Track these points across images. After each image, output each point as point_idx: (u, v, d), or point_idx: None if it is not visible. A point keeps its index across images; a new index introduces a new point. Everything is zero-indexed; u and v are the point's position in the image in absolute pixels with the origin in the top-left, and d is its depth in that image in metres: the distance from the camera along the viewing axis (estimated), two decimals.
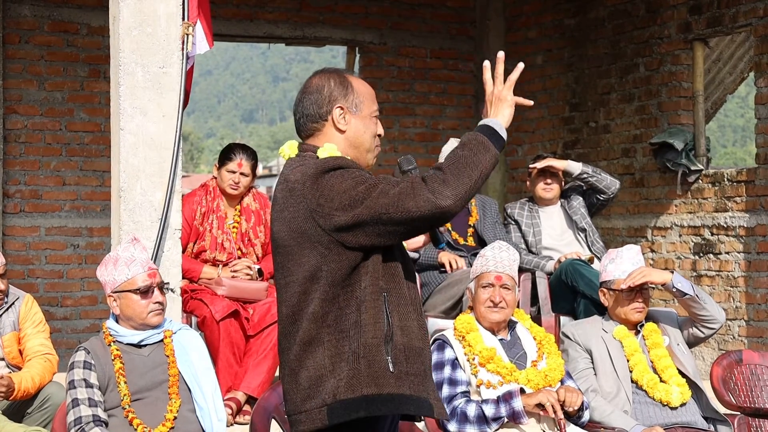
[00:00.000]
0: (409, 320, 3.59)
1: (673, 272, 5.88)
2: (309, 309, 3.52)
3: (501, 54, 3.69)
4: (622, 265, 5.86)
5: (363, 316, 3.50)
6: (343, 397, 3.47)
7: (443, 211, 3.45)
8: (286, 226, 3.55)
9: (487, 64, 3.73)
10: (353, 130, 3.69)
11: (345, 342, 3.50)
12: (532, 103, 3.79)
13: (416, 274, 3.80)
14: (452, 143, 7.35)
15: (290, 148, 3.73)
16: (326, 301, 3.51)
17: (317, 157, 3.60)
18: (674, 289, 5.77)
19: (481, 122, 3.65)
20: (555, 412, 5.08)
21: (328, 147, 3.63)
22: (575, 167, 7.66)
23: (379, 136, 3.77)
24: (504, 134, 3.61)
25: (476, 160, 3.53)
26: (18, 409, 5.76)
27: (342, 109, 3.67)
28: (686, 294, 5.77)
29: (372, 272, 3.53)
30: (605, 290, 5.92)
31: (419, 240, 7.06)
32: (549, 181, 7.75)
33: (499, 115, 3.64)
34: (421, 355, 3.59)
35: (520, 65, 3.73)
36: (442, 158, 7.34)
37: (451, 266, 7.14)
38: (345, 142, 3.68)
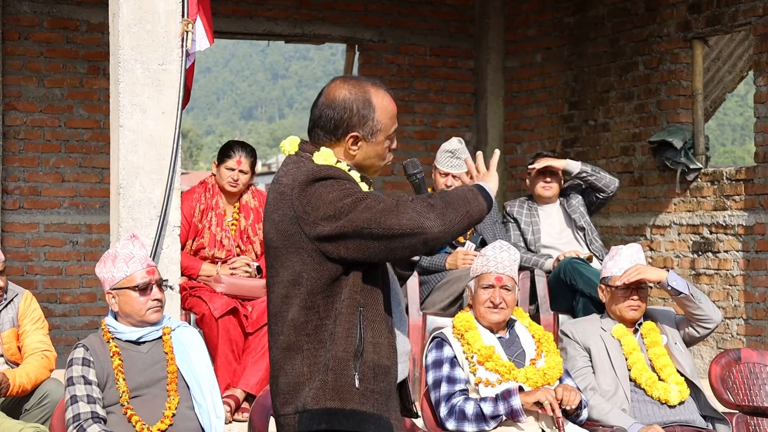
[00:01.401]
0: (382, 338, 3.55)
1: (669, 270, 5.88)
2: (289, 315, 3.52)
3: (497, 152, 3.87)
4: (621, 262, 5.87)
5: (337, 328, 3.48)
6: (309, 407, 3.47)
7: (425, 231, 3.41)
8: (275, 227, 3.55)
9: (480, 154, 3.86)
10: (362, 155, 3.66)
11: (322, 352, 3.49)
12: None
13: (400, 294, 3.76)
14: (453, 141, 7.35)
15: (291, 144, 3.71)
16: (305, 309, 3.50)
17: (312, 160, 3.58)
18: (669, 288, 5.78)
19: (475, 182, 3.72)
20: (553, 410, 5.09)
21: (325, 153, 3.60)
22: (574, 166, 7.67)
23: (393, 149, 3.73)
24: (492, 197, 3.65)
25: (466, 201, 3.55)
26: (16, 406, 5.76)
27: (356, 138, 3.62)
28: (681, 293, 5.78)
29: (351, 286, 3.50)
30: (603, 286, 5.94)
31: None
32: (548, 179, 7.75)
33: (490, 183, 3.71)
34: (388, 374, 3.57)
35: (497, 152, 3.88)
36: (439, 157, 7.34)
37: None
38: (351, 162, 3.65)
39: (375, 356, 3.52)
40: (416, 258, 3.73)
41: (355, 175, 3.62)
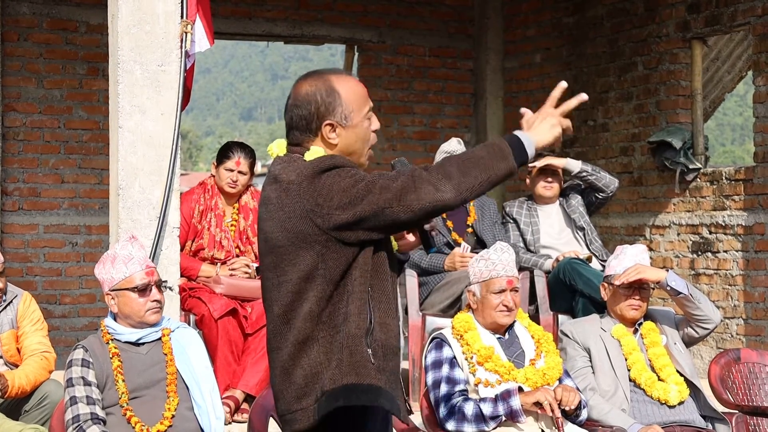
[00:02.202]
0: (389, 318, 3.56)
1: (668, 270, 5.89)
2: (304, 308, 3.49)
3: (563, 83, 3.72)
4: (624, 261, 5.88)
5: (350, 307, 3.48)
6: (327, 389, 3.45)
7: (443, 204, 3.43)
8: (281, 226, 3.52)
9: (563, 85, 3.68)
10: (344, 141, 3.62)
11: (337, 335, 3.48)
12: (570, 130, 3.72)
13: (398, 270, 3.76)
14: (453, 142, 7.35)
15: (278, 147, 3.70)
16: (322, 300, 3.48)
17: (304, 160, 3.56)
18: (668, 288, 5.78)
19: (515, 132, 3.59)
20: (552, 410, 5.09)
21: (315, 150, 3.58)
22: (574, 165, 7.66)
23: (375, 131, 3.71)
24: (531, 152, 3.55)
25: (489, 165, 3.49)
26: (16, 407, 5.77)
27: (332, 125, 3.60)
28: (680, 293, 5.78)
29: (362, 266, 3.50)
30: (606, 285, 5.94)
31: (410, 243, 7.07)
32: (549, 179, 7.75)
33: (537, 132, 3.61)
34: (396, 355, 3.57)
35: (563, 84, 3.73)
36: (438, 157, 7.34)
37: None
38: (336, 152, 3.62)
39: (383, 336, 3.53)
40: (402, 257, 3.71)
41: None
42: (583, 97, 3.66)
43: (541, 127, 3.62)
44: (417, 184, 3.43)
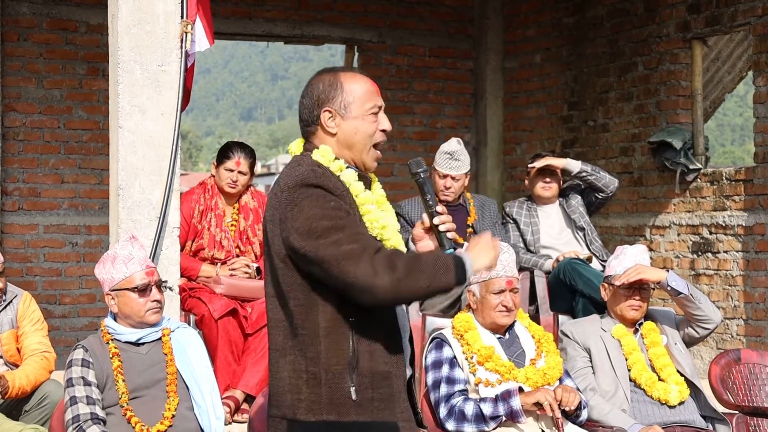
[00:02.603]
0: (378, 344, 3.52)
1: (668, 271, 5.89)
2: (277, 317, 3.53)
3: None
4: (625, 261, 5.88)
5: (324, 341, 3.45)
6: (303, 419, 3.45)
7: (374, 292, 3.34)
8: (270, 228, 3.55)
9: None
10: (343, 132, 3.64)
11: (302, 361, 3.46)
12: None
13: None
14: (452, 143, 7.35)
15: (297, 146, 3.72)
16: (288, 315, 3.49)
17: (311, 157, 3.59)
18: (669, 288, 5.78)
19: (460, 252, 3.53)
20: (553, 411, 5.08)
21: (323, 149, 3.60)
22: (574, 165, 7.66)
23: (384, 131, 3.71)
24: (470, 275, 3.47)
25: (433, 275, 3.40)
26: (15, 407, 5.76)
27: (330, 112, 3.62)
28: (681, 293, 5.78)
29: (335, 298, 3.46)
30: (606, 285, 5.94)
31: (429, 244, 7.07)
32: (548, 179, 7.75)
33: (478, 258, 3.53)
34: (388, 379, 3.52)
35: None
36: (438, 158, 7.34)
37: None
38: (337, 145, 3.64)
39: (371, 363, 3.49)
40: None
41: (351, 174, 3.60)
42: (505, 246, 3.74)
43: (481, 255, 3.54)
44: (362, 258, 3.36)
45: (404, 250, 3.61)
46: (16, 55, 9.49)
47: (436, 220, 3.62)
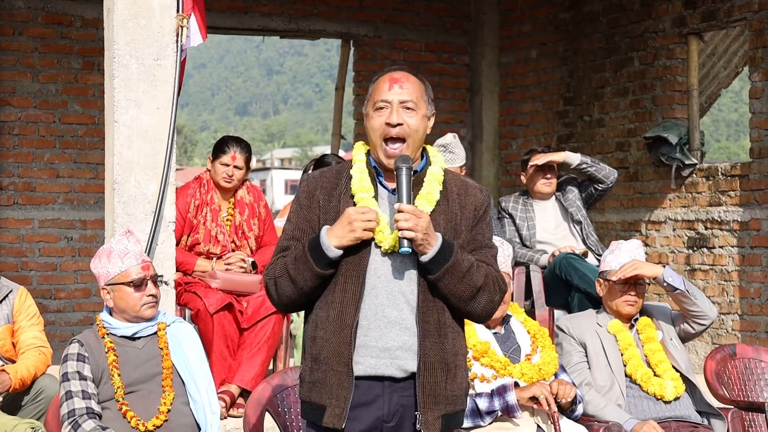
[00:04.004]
0: (319, 331, 3.74)
1: (665, 266, 5.89)
2: None
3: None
4: (620, 257, 5.88)
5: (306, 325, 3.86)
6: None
7: (269, 297, 3.83)
8: None
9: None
10: (367, 132, 3.84)
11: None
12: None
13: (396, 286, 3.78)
14: (448, 137, 7.34)
15: None
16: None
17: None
18: (665, 284, 5.78)
19: (321, 234, 3.73)
20: (549, 405, 5.08)
21: (357, 145, 3.90)
22: (574, 158, 7.66)
23: (388, 124, 3.77)
24: (329, 252, 3.69)
25: (295, 269, 3.73)
26: (11, 402, 5.75)
27: (365, 111, 3.86)
28: (677, 289, 5.78)
29: (321, 288, 3.77)
30: (601, 280, 5.94)
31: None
32: (549, 176, 7.74)
33: (332, 232, 3.72)
34: (321, 364, 3.72)
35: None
36: None
37: None
38: (370, 141, 3.86)
39: (313, 350, 3.76)
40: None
41: (362, 170, 3.80)
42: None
43: (335, 227, 3.73)
44: (269, 267, 3.81)
45: (386, 246, 3.74)
46: (11, 50, 9.48)
47: (396, 217, 3.67)
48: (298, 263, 3.70)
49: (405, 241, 3.65)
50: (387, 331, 3.71)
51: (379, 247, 3.73)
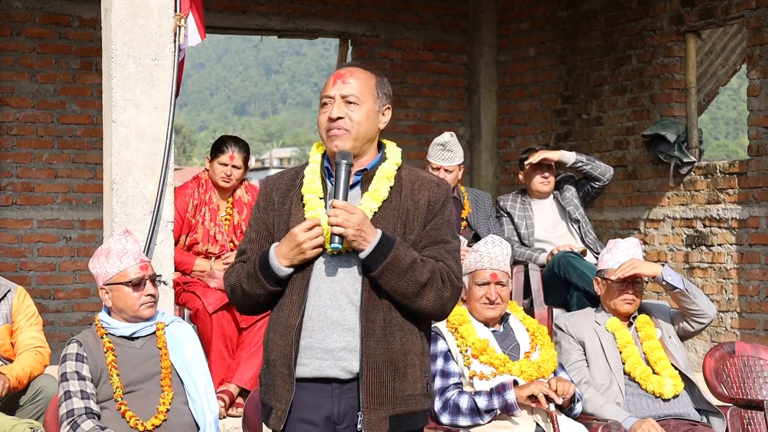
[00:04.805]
0: (270, 334, 3.79)
1: (664, 265, 5.88)
2: None
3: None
4: (618, 255, 5.88)
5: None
6: None
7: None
8: None
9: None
10: (317, 127, 3.88)
11: None
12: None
13: (341, 286, 3.76)
14: (445, 135, 7.33)
15: None
16: None
17: None
18: (664, 283, 5.78)
19: (270, 250, 3.75)
20: (549, 401, 5.08)
21: (314, 144, 3.90)
22: (569, 157, 7.66)
23: (330, 119, 3.78)
24: (277, 269, 3.71)
25: (247, 282, 3.78)
26: (9, 402, 5.75)
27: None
28: (676, 287, 5.78)
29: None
30: (599, 279, 5.94)
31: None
32: (546, 174, 7.75)
33: (279, 248, 3.73)
34: (271, 366, 3.77)
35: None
36: (431, 150, 7.30)
37: None
38: None
39: (266, 352, 3.81)
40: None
41: (314, 170, 3.83)
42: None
43: (282, 242, 3.74)
44: (228, 268, 3.90)
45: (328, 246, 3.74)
46: (9, 50, 9.48)
47: (329, 212, 3.66)
48: (250, 280, 3.73)
49: (336, 237, 3.63)
50: (330, 332, 3.69)
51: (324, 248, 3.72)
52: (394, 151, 3.86)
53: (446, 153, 7.22)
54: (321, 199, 3.76)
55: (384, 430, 3.64)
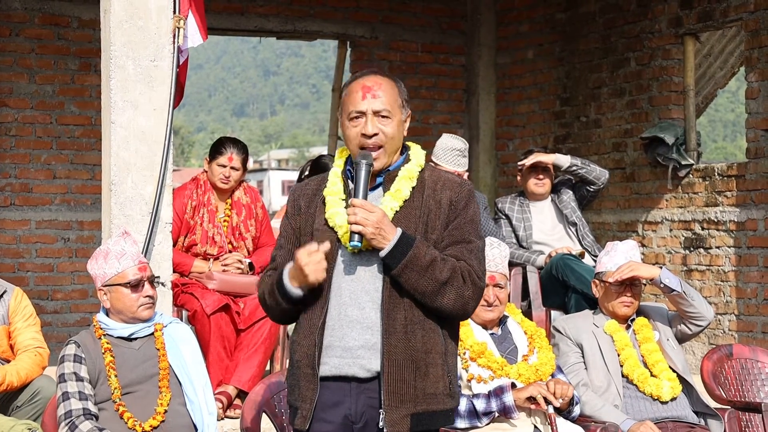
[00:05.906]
0: (295, 335, 3.83)
1: (662, 267, 5.88)
2: None
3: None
4: (616, 257, 5.88)
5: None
6: None
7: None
8: None
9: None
10: (344, 140, 3.86)
11: None
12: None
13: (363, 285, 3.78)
14: (459, 140, 7.32)
15: None
16: None
17: None
18: (662, 285, 5.78)
19: (284, 270, 3.79)
20: (548, 402, 5.08)
21: (340, 147, 3.93)
22: (564, 160, 7.68)
23: (364, 135, 3.79)
24: (290, 290, 3.76)
25: (272, 295, 3.82)
26: (7, 403, 5.74)
27: (339, 116, 3.88)
28: (674, 290, 5.78)
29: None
30: (597, 281, 5.94)
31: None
32: (541, 176, 7.76)
33: (290, 271, 3.77)
34: (294, 368, 3.81)
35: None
36: (445, 154, 7.30)
37: None
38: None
39: (292, 353, 3.84)
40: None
41: (336, 174, 3.87)
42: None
43: (295, 272, 3.76)
44: (261, 275, 3.96)
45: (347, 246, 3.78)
46: (7, 51, 9.48)
47: (347, 211, 3.70)
48: (272, 295, 3.80)
49: (355, 236, 3.66)
50: (349, 330, 3.71)
51: (345, 246, 3.74)
52: (418, 153, 3.92)
53: (462, 159, 7.26)
54: (342, 200, 3.79)
55: (405, 427, 3.66)
